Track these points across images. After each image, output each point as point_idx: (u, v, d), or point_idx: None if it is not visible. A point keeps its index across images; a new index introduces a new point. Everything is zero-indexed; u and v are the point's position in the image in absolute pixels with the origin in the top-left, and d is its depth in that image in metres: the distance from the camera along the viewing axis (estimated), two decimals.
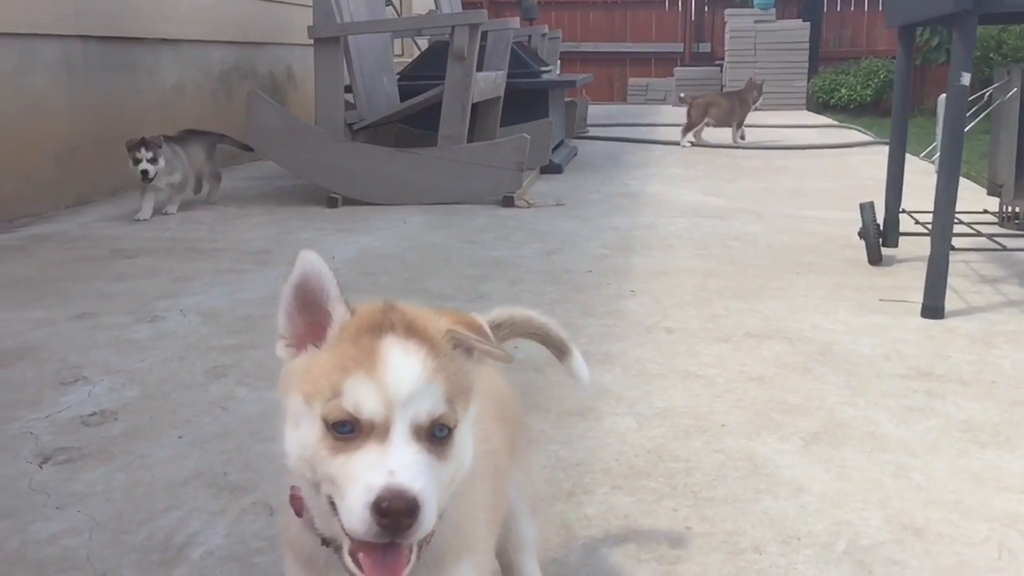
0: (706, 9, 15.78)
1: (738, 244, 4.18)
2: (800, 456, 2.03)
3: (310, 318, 1.00)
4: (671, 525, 1.74)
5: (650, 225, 4.68)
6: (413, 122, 6.23)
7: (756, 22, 13.27)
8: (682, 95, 9.38)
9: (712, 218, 4.84)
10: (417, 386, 0.91)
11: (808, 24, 13.31)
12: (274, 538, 1.69)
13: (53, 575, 1.57)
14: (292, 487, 1.02)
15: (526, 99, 6.52)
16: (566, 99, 8.06)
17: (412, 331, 0.96)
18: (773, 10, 13.78)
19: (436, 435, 0.92)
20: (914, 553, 1.63)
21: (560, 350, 1.38)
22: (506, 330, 1.37)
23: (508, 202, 5.25)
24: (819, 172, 6.66)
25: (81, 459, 2.02)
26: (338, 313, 0.99)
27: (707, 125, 8.52)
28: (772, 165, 7.09)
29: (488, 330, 1.03)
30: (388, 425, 0.90)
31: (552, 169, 6.52)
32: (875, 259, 3.72)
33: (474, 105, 5.44)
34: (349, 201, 5.30)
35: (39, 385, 2.46)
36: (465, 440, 0.97)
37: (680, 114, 12.04)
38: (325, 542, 1.00)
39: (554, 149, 6.73)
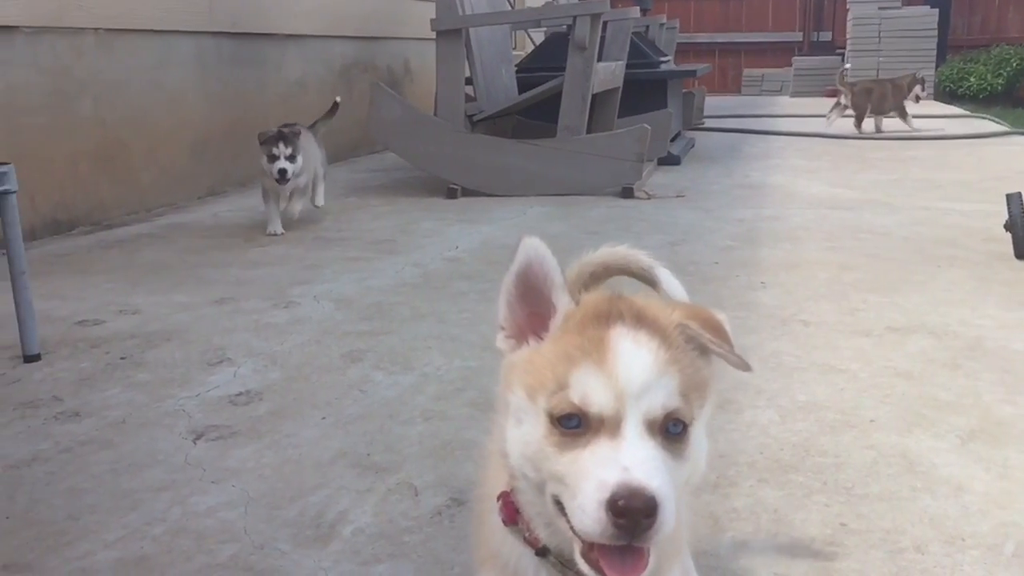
0: None
1: (871, 236, 4.03)
2: (957, 455, 1.93)
3: (531, 308, 0.95)
4: (824, 521, 1.68)
5: (775, 217, 4.56)
6: (529, 114, 6.23)
7: (880, 9, 12.77)
8: (848, 65, 8.89)
9: (841, 210, 4.68)
10: (649, 377, 0.85)
11: (936, 10, 12.73)
12: (421, 519, 1.71)
13: (214, 546, 1.62)
14: (503, 493, 0.96)
15: (644, 90, 6.44)
16: (683, 90, 7.94)
17: (642, 321, 0.90)
18: None
19: (670, 431, 0.86)
20: None
21: (649, 277, 1.27)
22: (598, 271, 1.27)
23: (627, 193, 5.20)
24: (952, 163, 6.37)
25: (231, 436, 2.09)
26: (562, 303, 0.93)
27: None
28: (900, 156, 6.82)
29: (727, 330, 0.96)
30: (619, 419, 0.84)
31: (670, 160, 6.42)
32: (1022, 253, 3.53)
33: (592, 96, 5.41)
34: (468, 192, 5.34)
35: (187, 365, 2.55)
36: (701, 440, 0.91)
37: (799, 105, 11.73)
38: (540, 552, 0.93)
39: (672, 140, 6.63)
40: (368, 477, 1.89)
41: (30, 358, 2.59)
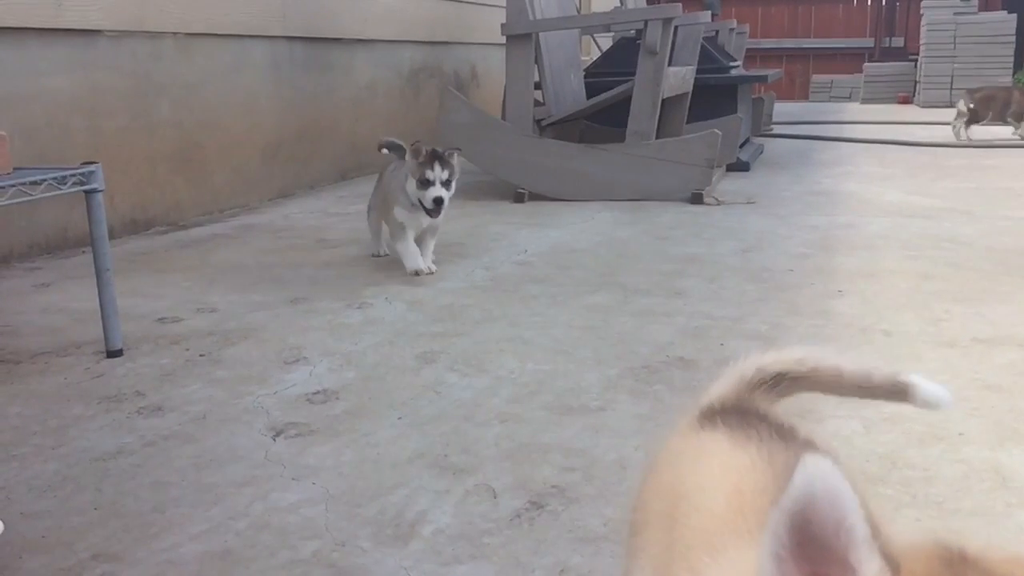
0: (898, 2, 14.99)
1: (952, 246, 3.93)
2: None
3: (813, 567, 0.59)
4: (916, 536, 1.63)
5: (850, 224, 4.46)
6: (597, 118, 6.21)
7: (956, 14, 12.47)
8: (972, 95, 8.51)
9: (919, 218, 4.57)
10: None
11: (1013, 16, 12.39)
12: (500, 521, 1.70)
13: (296, 543, 1.63)
14: None
15: (713, 95, 6.38)
16: (752, 95, 7.83)
17: None
18: (975, 1, 12.93)
19: None
20: None
21: (891, 390, 0.97)
22: (788, 382, 0.99)
23: (697, 199, 5.14)
24: None
25: (310, 434, 2.10)
26: (870, 567, 0.57)
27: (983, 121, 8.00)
28: (979, 164, 6.64)
29: None
30: None
31: (739, 167, 6.35)
32: None
33: (661, 101, 5.37)
34: (535, 196, 5.34)
35: (265, 363, 2.58)
36: None
37: (869, 112, 11.50)
38: None
39: (740, 146, 6.55)
40: (446, 478, 1.88)
41: (113, 353, 2.64)
